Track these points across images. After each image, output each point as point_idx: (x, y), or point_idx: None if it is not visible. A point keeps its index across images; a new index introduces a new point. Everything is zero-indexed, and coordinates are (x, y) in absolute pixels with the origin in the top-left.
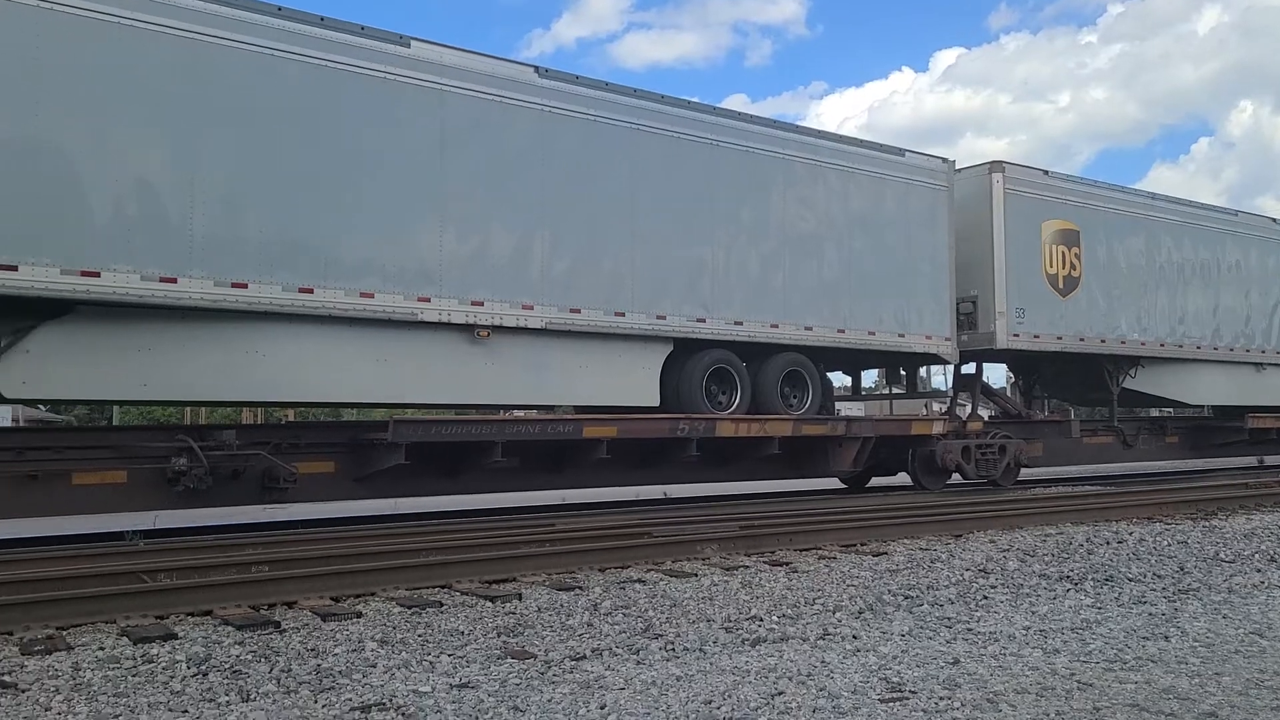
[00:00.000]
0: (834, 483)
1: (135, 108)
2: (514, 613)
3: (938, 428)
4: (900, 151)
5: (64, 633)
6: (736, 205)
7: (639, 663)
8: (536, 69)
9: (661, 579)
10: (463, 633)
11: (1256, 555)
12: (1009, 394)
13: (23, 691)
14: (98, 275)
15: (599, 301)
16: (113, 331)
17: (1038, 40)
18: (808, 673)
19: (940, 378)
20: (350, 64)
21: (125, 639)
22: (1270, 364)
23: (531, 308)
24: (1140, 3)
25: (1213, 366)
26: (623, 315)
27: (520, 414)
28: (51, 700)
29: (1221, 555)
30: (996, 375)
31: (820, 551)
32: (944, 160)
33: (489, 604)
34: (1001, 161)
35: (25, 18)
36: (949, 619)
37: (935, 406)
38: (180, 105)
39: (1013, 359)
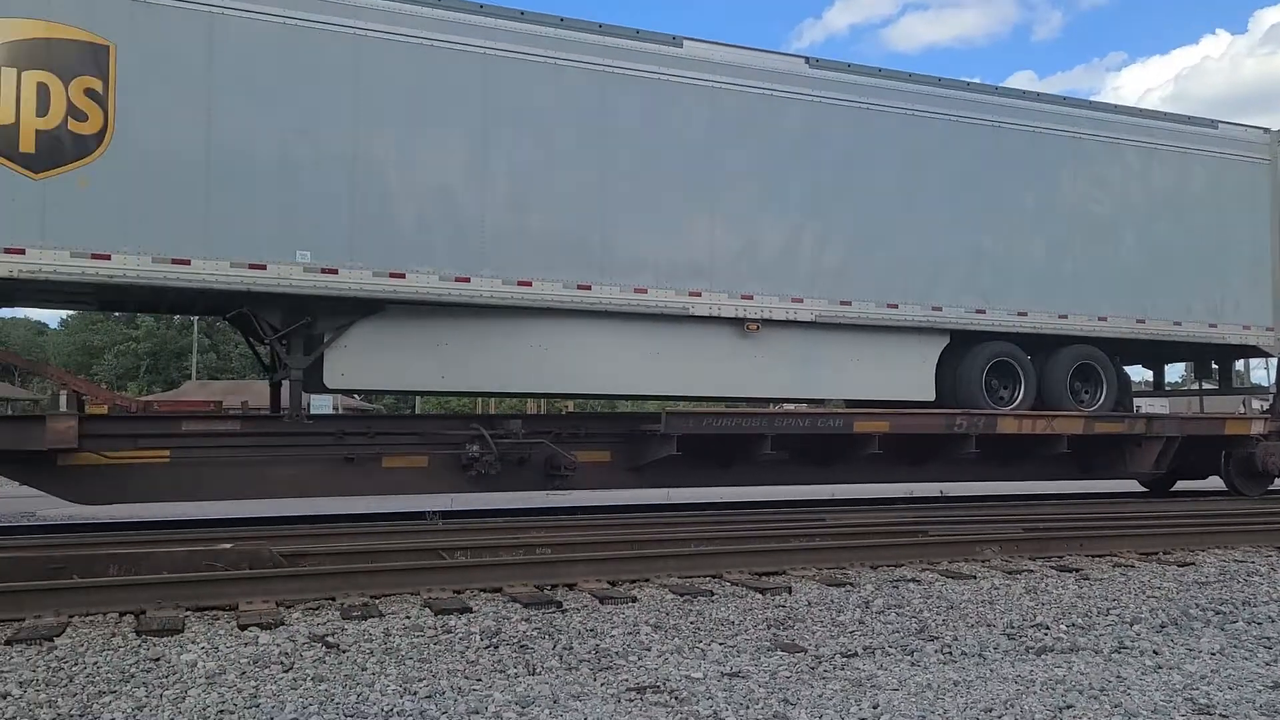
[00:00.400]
0: (1132, 485)
1: (434, 121)
2: (783, 605)
3: (1257, 427)
4: (1212, 123)
5: (376, 601)
6: (1021, 188)
7: (913, 664)
8: (807, 60)
9: (937, 579)
10: (733, 622)
11: None
12: None
13: (343, 652)
14: (403, 276)
15: (871, 293)
16: (415, 328)
17: None
18: (1100, 687)
19: (1261, 372)
20: (625, 67)
21: (427, 610)
22: None
23: (801, 301)
24: None
25: None
26: (896, 307)
27: (789, 407)
28: (367, 661)
29: None
30: None
31: (1115, 559)
32: (1265, 131)
33: (759, 595)
34: None
35: (347, 44)
36: (1269, 639)
37: (1255, 404)
38: (472, 116)
39: None
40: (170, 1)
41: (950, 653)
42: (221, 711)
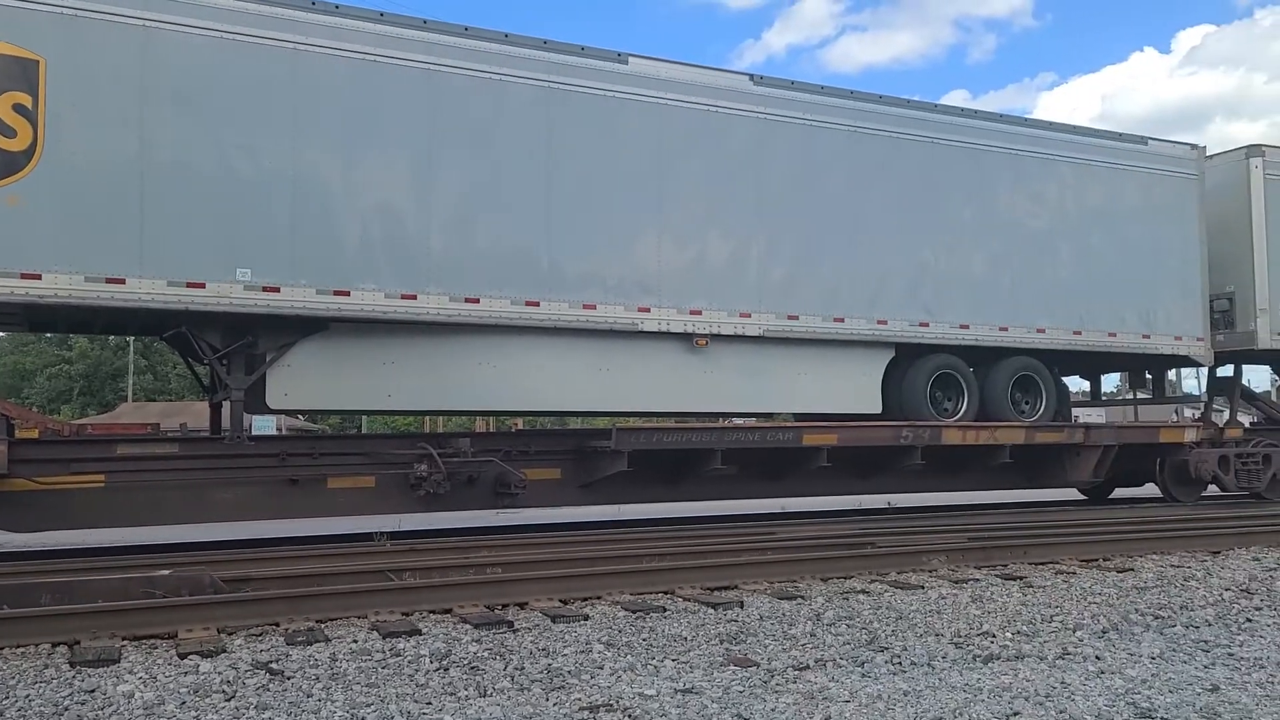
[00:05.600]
0: (1072, 494)
1: (378, 137)
2: (736, 620)
3: (1190, 435)
4: (1142, 140)
5: (323, 625)
6: (960, 204)
7: (864, 675)
8: (751, 77)
9: (886, 590)
10: (686, 638)
11: None
12: (1275, 398)
13: (288, 679)
14: (348, 294)
15: (817, 307)
16: (361, 347)
17: None
18: (1046, 694)
19: (1192, 381)
20: (571, 83)
21: (375, 633)
22: None
23: (749, 315)
24: None
25: None
26: (842, 321)
27: (739, 421)
28: (313, 687)
29: None
30: (1259, 378)
31: (1058, 566)
32: (1192, 147)
33: (711, 610)
34: (1260, 145)
35: (285, 59)
36: (1206, 642)
37: (1187, 413)
38: (417, 133)
39: (1277, 360)
40: (101, 15)
41: (900, 663)
42: None
